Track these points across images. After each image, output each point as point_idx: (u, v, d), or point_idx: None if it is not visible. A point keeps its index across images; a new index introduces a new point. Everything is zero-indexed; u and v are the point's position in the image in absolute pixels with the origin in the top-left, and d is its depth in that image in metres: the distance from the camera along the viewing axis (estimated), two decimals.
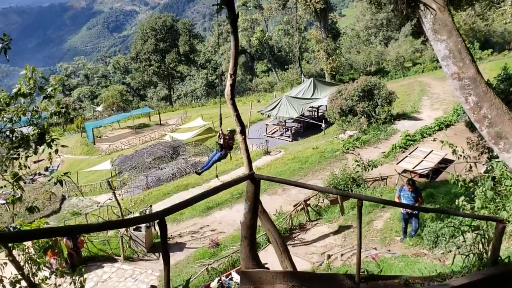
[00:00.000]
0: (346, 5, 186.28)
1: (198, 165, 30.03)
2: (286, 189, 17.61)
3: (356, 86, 24.59)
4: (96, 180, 34.05)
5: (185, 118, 49.57)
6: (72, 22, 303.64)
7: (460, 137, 20.00)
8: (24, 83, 7.03)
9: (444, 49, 7.34)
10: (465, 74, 7.35)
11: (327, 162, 19.94)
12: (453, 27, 7.26)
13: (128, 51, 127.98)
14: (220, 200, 17.22)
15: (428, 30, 7.39)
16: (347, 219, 11.68)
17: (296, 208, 12.27)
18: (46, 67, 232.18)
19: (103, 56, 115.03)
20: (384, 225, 10.82)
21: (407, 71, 47.32)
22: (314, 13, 44.93)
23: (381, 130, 22.99)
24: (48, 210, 26.63)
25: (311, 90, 33.55)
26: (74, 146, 49.07)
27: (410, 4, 7.26)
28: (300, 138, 30.67)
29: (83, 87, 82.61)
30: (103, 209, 22.30)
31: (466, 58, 7.32)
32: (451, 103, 27.73)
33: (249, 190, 3.97)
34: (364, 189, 13.78)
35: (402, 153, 18.44)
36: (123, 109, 56.66)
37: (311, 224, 12.21)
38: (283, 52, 68.47)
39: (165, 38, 68.37)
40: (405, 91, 32.42)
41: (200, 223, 15.67)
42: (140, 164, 30.95)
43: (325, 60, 45.99)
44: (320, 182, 17.70)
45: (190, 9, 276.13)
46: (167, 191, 23.45)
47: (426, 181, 14.44)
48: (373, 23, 66.56)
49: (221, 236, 13.68)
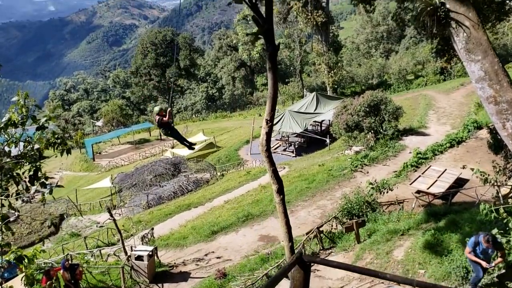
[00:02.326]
0: (344, 18, 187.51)
1: (200, 182, 29.31)
2: (294, 211, 16.84)
3: (362, 101, 23.98)
4: (96, 198, 33.27)
5: (186, 133, 48.90)
6: (71, 37, 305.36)
7: (473, 154, 19.34)
8: (16, 110, 6.33)
9: (478, 70, 6.68)
10: (503, 97, 6.68)
11: (336, 181, 19.20)
12: (489, 46, 6.62)
13: (127, 65, 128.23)
14: (225, 224, 16.43)
15: (461, 50, 6.74)
16: (363, 248, 10.91)
17: (309, 236, 11.51)
18: (45, 81, 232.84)
19: (103, 70, 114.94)
20: (405, 256, 10.05)
21: (409, 84, 46.86)
22: (315, 26, 44.65)
23: (389, 146, 22.30)
24: (47, 232, 25.80)
25: (314, 104, 33.02)
26: (73, 163, 48.35)
27: (441, 22, 6.64)
28: (304, 154, 30.00)
29: (83, 102, 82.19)
30: (103, 231, 21.53)
31: (503, 80, 6.66)
32: (458, 117, 27.14)
33: (297, 278, 3.03)
34: (380, 214, 13.04)
35: (415, 172, 17.72)
36: (123, 124, 56.06)
37: (325, 253, 11.44)
38: (283, 65, 68.21)
39: (165, 52, 68.19)
40: (410, 105, 31.82)
41: (204, 249, 14.86)
42: (141, 182, 30.19)
43: (327, 73, 45.58)
44: (330, 203, 16.96)
45: (189, 23, 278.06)
46: (168, 211, 22.66)
47: (444, 203, 13.70)
48: (373, 36, 66.51)
49: (227, 265, 12.88)
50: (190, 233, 16.75)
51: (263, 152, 5.35)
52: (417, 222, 11.70)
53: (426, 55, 50.44)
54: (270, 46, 4.26)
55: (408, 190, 15.19)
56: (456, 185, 15.56)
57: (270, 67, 4.62)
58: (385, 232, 11.27)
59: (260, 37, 3.99)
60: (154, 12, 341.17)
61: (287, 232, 5.76)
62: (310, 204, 17.43)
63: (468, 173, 14.81)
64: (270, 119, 4.87)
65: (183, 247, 15.56)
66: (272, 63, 4.50)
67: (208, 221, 17.84)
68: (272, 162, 5.09)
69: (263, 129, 5.05)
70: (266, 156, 5.13)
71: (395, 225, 11.86)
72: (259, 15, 3.87)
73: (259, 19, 3.83)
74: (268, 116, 4.88)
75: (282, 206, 5.77)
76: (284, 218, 5.86)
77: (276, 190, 5.65)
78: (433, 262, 9.36)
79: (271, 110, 4.82)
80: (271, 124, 4.92)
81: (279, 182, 5.56)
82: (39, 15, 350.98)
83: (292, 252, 5.80)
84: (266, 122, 4.87)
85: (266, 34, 4.08)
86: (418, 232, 10.95)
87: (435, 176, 15.77)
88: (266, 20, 3.90)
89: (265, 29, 3.96)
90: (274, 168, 5.21)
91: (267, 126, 4.93)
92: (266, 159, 5.16)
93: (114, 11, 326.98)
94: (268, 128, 4.99)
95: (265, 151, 5.15)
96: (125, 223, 19.67)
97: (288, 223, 5.89)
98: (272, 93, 4.83)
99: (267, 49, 4.32)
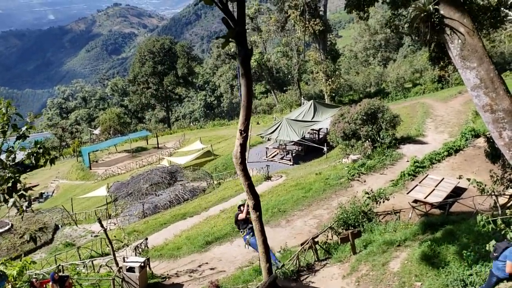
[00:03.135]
0: (343, 26, 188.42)
1: (196, 191, 29.02)
2: (290, 220, 16.60)
3: (359, 110, 23.85)
4: (92, 206, 32.96)
5: (183, 141, 48.77)
6: (71, 45, 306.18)
7: (470, 163, 19.16)
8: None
9: (474, 78, 6.50)
10: (499, 106, 6.49)
11: (332, 190, 18.97)
12: (484, 53, 6.45)
13: (126, 73, 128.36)
14: (219, 234, 16.17)
15: (456, 57, 6.57)
16: (359, 259, 10.65)
17: (304, 247, 11.25)
18: (45, 90, 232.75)
19: (101, 79, 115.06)
20: (402, 268, 9.80)
21: (407, 92, 46.81)
22: (313, 35, 44.67)
23: (386, 155, 22.10)
24: (40, 241, 25.46)
25: (312, 113, 32.87)
26: (70, 171, 48.10)
27: (435, 28, 6.47)
28: (301, 162, 29.79)
29: (81, 110, 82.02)
30: (97, 241, 21.20)
31: (499, 88, 6.48)
32: (456, 126, 27.02)
33: None
34: (377, 224, 12.79)
35: (412, 181, 17.51)
36: (120, 133, 55.85)
37: (320, 264, 11.17)
38: (281, 73, 68.28)
39: (163, 60, 68.24)
40: (408, 113, 31.70)
41: (198, 260, 14.58)
42: (136, 190, 29.93)
43: (325, 81, 45.51)
44: (326, 213, 16.72)
45: (189, 31, 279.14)
46: (164, 220, 22.39)
47: (442, 213, 13.47)
48: (371, 44, 66.66)
49: (221, 276, 12.60)
50: (184, 244, 16.48)
51: (237, 165, 4.90)
52: (414, 233, 11.46)
53: (424, 63, 50.47)
54: (242, 50, 3.92)
55: (405, 199, 14.97)
56: (454, 194, 15.34)
57: (243, 73, 4.25)
58: (381, 243, 11.03)
59: (232, 40, 3.75)
60: (153, 21, 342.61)
61: (264, 252, 5.37)
62: (306, 213, 17.18)
63: (466, 182, 14.62)
64: (244, 129, 4.48)
65: (177, 258, 15.28)
66: (245, 68, 4.14)
67: (203, 231, 17.58)
68: (247, 176, 4.71)
69: (237, 140, 4.63)
70: (241, 170, 4.75)
71: (392, 235, 11.62)
72: (230, 17, 3.63)
73: (230, 21, 3.62)
74: (242, 126, 4.48)
75: (259, 223, 5.30)
76: (261, 236, 5.42)
77: (252, 206, 5.17)
78: (430, 274, 9.12)
79: (245, 119, 4.45)
80: (245, 134, 4.54)
81: (255, 197, 5.15)
82: (39, 23, 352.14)
83: (270, 273, 5.45)
84: (240, 133, 4.50)
85: (237, 37, 3.76)
86: (414, 243, 10.71)
87: (433, 185, 15.57)
88: (238, 22, 3.58)
89: (237, 32, 3.67)
90: (249, 182, 4.85)
91: (241, 137, 4.53)
92: (240, 173, 4.74)
93: (114, 19, 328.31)
94: (243, 139, 4.57)
95: (239, 164, 4.77)
96: (116, 234, 19.37)
97: (265, 242, 5.49)
98: (246, 101, 4.48)
99: (238, 54, 3.99)
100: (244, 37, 3.74)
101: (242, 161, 4.56)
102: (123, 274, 12.49)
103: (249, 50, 3.89)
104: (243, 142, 4.44)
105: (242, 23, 3.43)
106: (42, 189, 44.52)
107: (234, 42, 3.76)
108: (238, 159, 4.61)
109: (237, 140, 4.45)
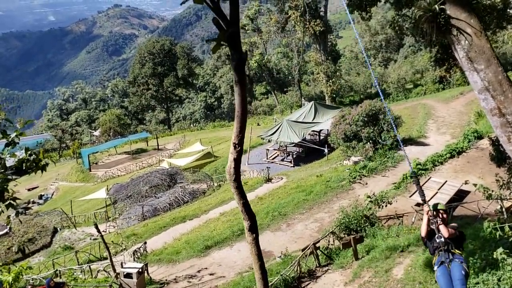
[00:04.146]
0: (343, 27, 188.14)
1: (196, 193, 28.79)
2: (291, 224, 16.36)
3: (360, 111, 23.62)
4: (91, 209, 32.70)
5: (183, 142, 48.51)
6: (71, 46, 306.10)
7: (474, 165, 18.89)
8: None
9: (481, 80, 6.26)
10: (508, 109, 6.24)
11: (334, 193, 18.72)
12: (492, 54, 6.20)
13: (127, 74, 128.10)
14: (219, 238, 15.93)
15: (462, 59, 6.32)
16: (362, 266, 10.40)
17: (305, 252, 11.01)
18: (45, 91, 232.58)
19: (102, 80, 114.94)
20: (405, 274, 9.55)
21: (408, 93, 46.55)
22: (314, 35, 44.47)
23: (388, 156, 21.86)
24: (38, 245, 25.22)
25: (312, 114, 32.68)
26: (70, 173, 47.81)
27: (441, 29, 6.23)
28: (302, 164, 29.56)
29: (81, 111, 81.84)
30: (95, 244, 20.95)
31: (508, 91, 6.22)
32: (457, 127, 26.75)
33: None
34: (379, 229, 12.54)
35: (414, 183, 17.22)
36: (120, 134, 55.62)
37: (321, 270, 10.93)
38: (282, 74, 68.05)
39: (163, 62, 68.03)
40: (409, 114, 31.45)
41: (197, 264, 14.34)
42: (136, 193, 29.69)
43: (325, 82, 45.30)
44: (327, 216, 16.47)
45: (189, 32, 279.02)
46: (163, 223, 22.15)
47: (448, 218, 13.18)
48: (372, 45, 66.41)
49: (220, 282, 12.37)
50: (184, 248, 16.25)
51: (231, 182, 4.45)
52: (417, 238, 11.19)
53: (425, 64, 50.21)
54: (235, 54, 3.57)
55: (407, 203, 14.71)
56: (457, 197, 15.08)
57: (237, 80, 3.81)
58: (384, 249, 10.78)
59: (224, 44, 3.44)
60: (154, 22, 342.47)
61: (262, 279, 4.94)
62: (307, 217, 16.94)
63: (469, 184, 14.36)
64: (238, 143, 4.06)
65: (176, 263, 15.04)
66: (239, 75, 3.74)
67: (203, 235, 17.35)
68: (242, 194, 4.19)
69: (231, 154, 4.20)
70: (235, 187, 4.30)
71: (395, 240, 11.37)
72: (222, 17, 3.31)
73: (222, 22, 3.31)
74: (236, 139, 4.06)
75: (256, 246, 4.74)
76: (258, 261, 4.82)
77: (248, 227, 4.69)
78: (434, 282, 8.85)
79: (240, 132, 4.02)
80: (240, 148, 4.11)
81: (251, 217, 4.65)
82: (39, 25, 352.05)
83: None
84: (234, 147, 4.08)
85: (230, 40, 3.42)
86: (418, 248, 10.46)
87: (436, 188, 15.31)
88: (231, 23, 3.29)
89: (229, 34, 3.35)
90: (244, 201, 4.38)
91: (235, 151, 4.10)
92: (235, 190, 4.32)
93: (114, 21, 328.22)
94: (237, 154, 4.12)
95: (233, 181, 4.29)
96: (114, 239, 19.13)
97: (262, 267, 4.93)
98: (241, 111, 4.01)
99: (232, 58, 3.64)
100: (237, 39, 3.41)
101: (237, 178, 4.12)
102: (121, 280, 12.26)
103: (243, 54, 3.53)
104: (237, 157, 4.02)
105: (235, 24, 3.12)
106: (42, 191, 44.30)
107: (226, 45, 3.44)
108: (232, 175, 4.18)
109: (230, 155, 4.04)
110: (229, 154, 4.08)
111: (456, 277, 5.95)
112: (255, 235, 4.47)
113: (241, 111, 3.88)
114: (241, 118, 3.91)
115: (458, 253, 6.18)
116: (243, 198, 4.15)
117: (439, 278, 6.16)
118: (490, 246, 8.77)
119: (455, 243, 6.19)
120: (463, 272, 6.01)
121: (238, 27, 3.31)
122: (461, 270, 6.03)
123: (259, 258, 4.56)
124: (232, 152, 4.01)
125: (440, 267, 6.21)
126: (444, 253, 6.18)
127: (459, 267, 6.04)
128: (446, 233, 6.04)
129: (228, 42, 3.35)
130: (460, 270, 5.98)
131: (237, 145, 3.92)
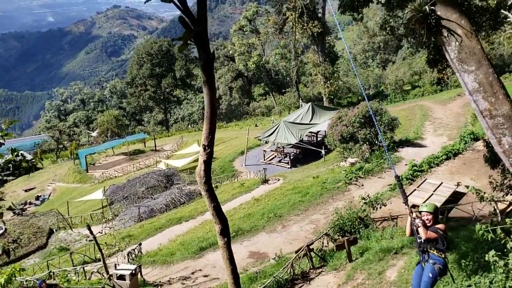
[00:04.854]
0: (342, 28, 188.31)
1: (193, 194, 28.72)
2: (286, 225, 16.31)
3: (357, 112, 23.58)
4: (88, 210, 32.61)
5: (181, 143, 48.47)
6: (70, 47, 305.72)
7: (469, 167, 18.88)
8: None
9: (472, 81, 6.22)
10: (499, 111, 6.21)
11: (329, 194, 18.69)
12: (483, 56, 6.17)
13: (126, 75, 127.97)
14: (214, 240, 15.84)
15: (453, 60, 6.29)
16: (355, 268, 10.35)
17: (298, 254, 10.96)
18: (44, 92, 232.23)
19: (100, 81, 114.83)
20: (399, 277, 9.50)
21: (406, 95, 46.56)
22: (311, 37, 44.48)
23: (384, 158, 21.83)
24: (34, 246, 25.12)
25: (310, 115, 32.64)
26: (67, 174, 47.73)
27: (431, 30, 6.20)
28: (299, 165, 29.54)
29: (79, 112, 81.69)
30: (90, 246, 20.87)
31: (499, 92, 6.19)
32: (455, 128, 26.76)
33: None
34: (373, 231, 12.49)
35: (410, 185, 17.21)
36: (118, 135, 55.51)
37: (314, 272, 10.88)
38: (280, 76, 68.01)
39: (161, 62, 67.97)
40: (406, 116, 31.46)
41: (192, 266, 14.28)
42: (132, 194, 29.63)
43: (323, 84, 45.28)
44: (323, 218, 16.43)
45: None
46: (159, 225, 22.08)
47: (441, 219, 13.14)
48: (370, 46, 66.47)
49: (214, 284, 12.32)
50: (178, 249, 16.18)
51: (201, 185, 4.35)
52: (411, 240, 11.14)
53: (423, 65, 50.20)
54: (203, 54, 3.44)
55: (402, 204, 14.51)
56: (453, 199, 15.05)
57: (205, 80, 3.70)
58: (377, 251, 10.73)
59: (190, 43, 3.37)
60: (153, 23, 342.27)
61: (234, 283, 4.87)
62: (302, 218, 16.90)
63: (461, 186, 14.35)
64: (208, 144, 3.92)
65: (170, 264, 14.98)
66: (207, 75, 3.61)
67: (198, 236, 17.29)
68: (213, 197, 4.16)
69: (201, 156, 4.09)
70: (205, 190, 4.19)
71: (389, 242, 11.32)
72: (188, 16, 3.23)
73: (189, 20, 3.21)
74: (205, 141, 3.91)
75: (227, 251, 4.69)
76: (230, 265, 4.77)
77: (220, 231, 4.60)
78: None
79: (209, 133, 3.89)
80: (209, 150, 3.99)
81: (222, 221, 4.53)
82: (38, 25, 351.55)
83: None
84: (204, 149, 3.96)
85: (197, 38, 3.31)
86: (412, 250, 10.41)
87: (431, 189, 15.28)
88: (198, 22, 3.22)
89: (195, 33, 3.25)
90: (215, 204, 4.28)
91: (205, 153, 3.98)
92: (205, 193, 4.23)
93: (113, 22, 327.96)
94: (207, 156, 4.00)
95: (203, 184, 4.18)
96: (108, 240, 19.07)
97: (234, 271, 4.83)
98: (210, 112, 3.91)
99: (199, 58, 3.51)
100: (205, 39, 3.33)
101: (207, 181, 4.05)
102: (114, 282, 12.19)
103: (211, 55, 3.46)
104: (207, 159, 3.93)
105: (202, 23, 3.04)
106: (39, 192, 44.21)
107: (193, 44, 3.38)
108: (202, 178, 4.08)
109: (200, 157, 3.94)
110: (199, 157, 4.01)
111: (423, 278, 6.23)
112: (227, 239, 4.42)
113: (210, 111, 3.81)
114: (210, 119, 3.84)
115: (437, 255, 6.31)
116: (214, 201, 4.09)
117: (413, 277, 6.52)
118: (483, 248, 8.74)
119: (434, 245, 6.33)
120: (430, 274, 6.17)
121: (205, 26, 3.24)
122: (429, 272, 6.20)
123: (231, 262, 4.54)
124: (202, 154, 3.94)
125: (417, 267, 6.56)
126: (422, 253, 6.43)
127: (429, 269, 6.24)
128: (424, 235, 6.20)
129: (195, 41, 3.28)
130: (428, 272, 6.17)
131: (206, 146, 3.84)
